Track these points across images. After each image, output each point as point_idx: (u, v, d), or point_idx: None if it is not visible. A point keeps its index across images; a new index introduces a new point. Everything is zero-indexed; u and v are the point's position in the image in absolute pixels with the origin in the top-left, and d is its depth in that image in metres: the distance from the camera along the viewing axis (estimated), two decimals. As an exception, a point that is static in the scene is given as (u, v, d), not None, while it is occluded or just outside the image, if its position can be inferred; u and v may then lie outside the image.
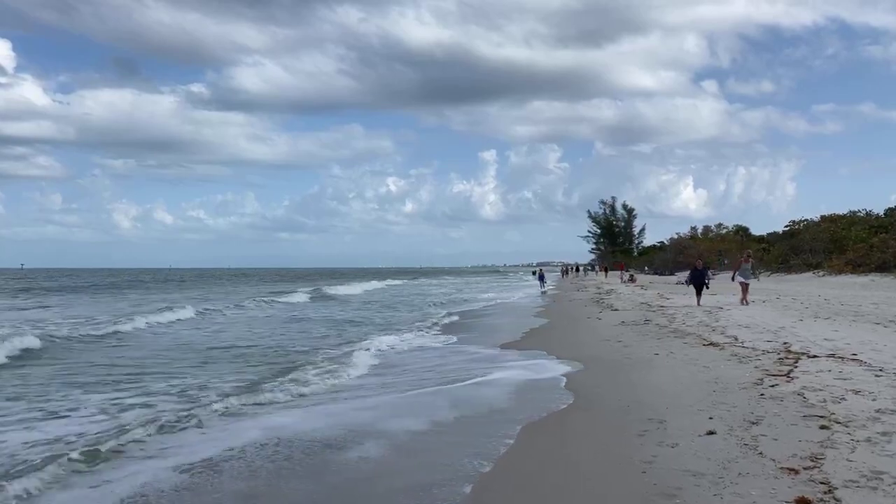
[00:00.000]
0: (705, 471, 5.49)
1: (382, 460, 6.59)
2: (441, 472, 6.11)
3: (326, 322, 23.96)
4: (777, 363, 9.94)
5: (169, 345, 16.81)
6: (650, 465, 5.83)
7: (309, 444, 7.16)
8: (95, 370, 12.67)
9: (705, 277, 23.46)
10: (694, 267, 24.60)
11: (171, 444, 7.21)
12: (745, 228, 77.76)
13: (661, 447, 6.32)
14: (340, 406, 9.10)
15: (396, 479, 6.01)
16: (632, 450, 6.33)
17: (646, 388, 9.12)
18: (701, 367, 10.30)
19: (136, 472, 6.29)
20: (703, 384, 9.02)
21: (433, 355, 14.01)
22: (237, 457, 6.73)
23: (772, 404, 7.53)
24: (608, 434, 7.06)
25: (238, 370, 12.34)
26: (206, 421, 8.21)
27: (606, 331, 16.30)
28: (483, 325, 21.06)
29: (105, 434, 7.63)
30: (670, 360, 11.14)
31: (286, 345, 16.66)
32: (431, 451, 6.87)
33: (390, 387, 10.44)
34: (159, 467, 6.41)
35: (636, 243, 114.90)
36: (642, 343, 13.48)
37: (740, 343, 12.24)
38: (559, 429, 7.53)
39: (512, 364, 12.09)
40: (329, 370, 11.82)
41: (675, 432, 6.79)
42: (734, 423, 6.87)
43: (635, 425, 7.19)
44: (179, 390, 10.44)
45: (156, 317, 23.41)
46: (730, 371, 9.74)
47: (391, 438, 7.28)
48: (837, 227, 50.99)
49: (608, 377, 10.22)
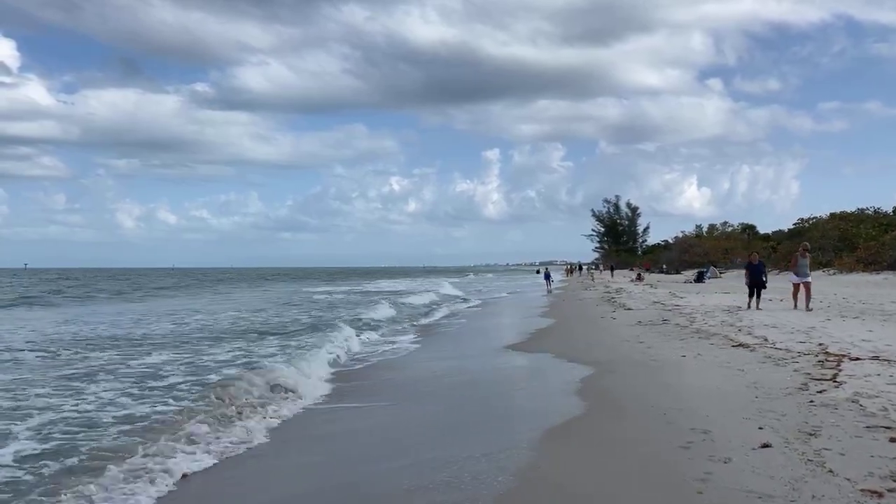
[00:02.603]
0: (772, 492, 4.84)
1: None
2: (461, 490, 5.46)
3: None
4: (818, 366, 9.28)
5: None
6: (705, 483, 5.18)
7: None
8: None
9: (763, 274, 19.54)
10: (749, 262, 20.56)
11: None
12: (751, 227, 77.08)
13: (712, 462, 5.67)
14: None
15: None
16: (680, 465, 5.68)
17: (679, 394, 8.47)
18: (735, 370, 9.65)
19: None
20: (742, 389, 8.37)
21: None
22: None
23: (826, 412, 6.88)
24: (648, 445, 6.40)
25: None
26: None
27: (624, 331, 15.65)
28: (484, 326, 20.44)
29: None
30: (700, 363, 10.49)
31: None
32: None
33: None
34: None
35: (640, 242, 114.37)
36: (665, 344, 12.82)
37: (771, 344, 11.58)
38: (590, 437, 6.88)
39: (521, 363, 11.48)
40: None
41: (723, 444, 6.13)
42: (788, 435, 6.21)
43: (677, 435, 6.53)
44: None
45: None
46: (768, 375, 9.09)
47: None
48: (847, 224, 50.33)
49: (635, 381, 9.57)
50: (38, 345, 16.68)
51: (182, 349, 15.33)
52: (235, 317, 26.11)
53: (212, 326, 21.75)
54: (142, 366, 12.76)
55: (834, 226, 51.34)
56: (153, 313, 28.72)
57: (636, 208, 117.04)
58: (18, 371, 12.41)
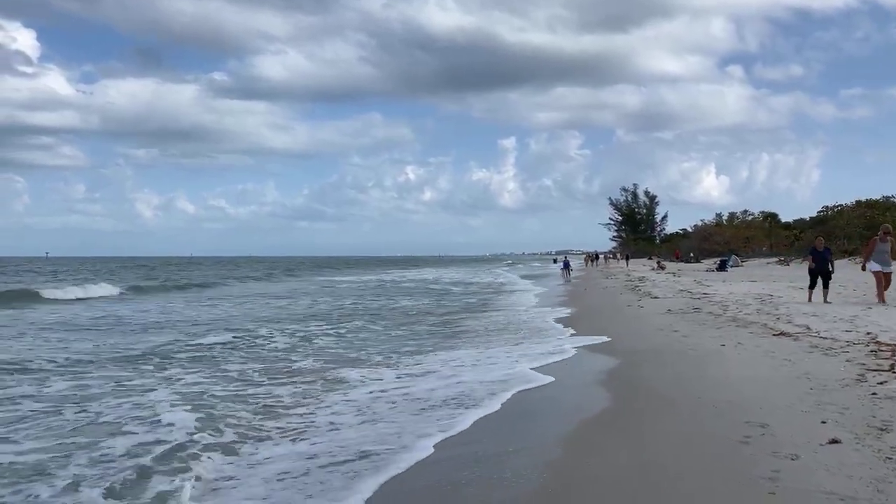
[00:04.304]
0: (854, 494, 4.43)
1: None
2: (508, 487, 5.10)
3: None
4: (871, 356, 8.82)
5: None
6: (775, 483, 4.78)
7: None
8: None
9: (830, 262, 16.80)
10: (813, 247, 17.57)
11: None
12: (773, 215, 75.91)
13: (777, 458, 5.26)
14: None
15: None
16: (743, 461, 5.28)
17: (726, 384, 8.04)
18: (781, 360, 9.20)
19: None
20: (793, 380, 7.93)
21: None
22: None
23: (893, 406, 6.44)
24: (703, 439, 5.99)
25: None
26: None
27: (655, 319, 15.21)
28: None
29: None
30: (742, 352, 10.05)
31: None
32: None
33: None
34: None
35: (658, 231, 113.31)
36: (702, 333, 12.37)
37: (815, 333, 11.10)
38: (640, 430, 6.47)
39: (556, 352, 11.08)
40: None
41: (786, 439, 5.72)
42: (857, 430, 5.79)
43: (733, 429, 6.12)
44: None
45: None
46: (819, 365, 8.64)
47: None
48: (874, 212, 49.27)
49: (676, 371, 9.15)
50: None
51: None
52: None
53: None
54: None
55: (860, 213, 50.27)
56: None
57: (654, 197, 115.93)
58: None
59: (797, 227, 67.86)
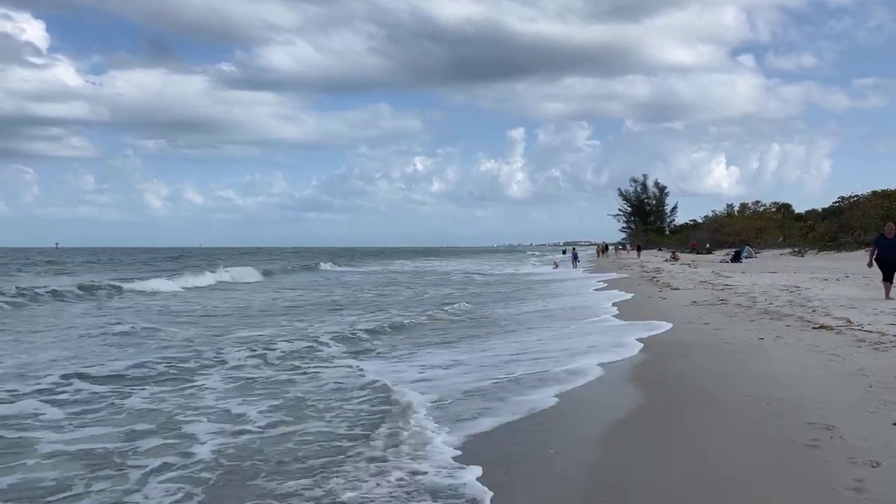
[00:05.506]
0: (958, 507, 3.96)
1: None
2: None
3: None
4: (927, 351, 8.32)
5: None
6: (861, 494, 4.31)
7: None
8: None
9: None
10: (881, 235, 15.67)
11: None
12: (786, 205, 75.05)
13: (856, 465, 4.79)
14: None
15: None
16: (818, 468, 4.81)
17: (774, 381, 7.54)
18: (828, 355, 8.70)
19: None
20: (847, 377, 7.45)
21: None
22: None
23: (969, 406, 5.96)
24: (766, 442, 5.51)
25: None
26: None
27: (681, 311, 14.70)
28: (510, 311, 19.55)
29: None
30: (783, 347, 9.54)
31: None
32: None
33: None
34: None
35: (668, 221, 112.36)
36: (735, 326, 11.86)
37: (859, 326, 10.59)
38: (690, 433, 5.99)
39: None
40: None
41: (858, 443, 5.25)
42: (937, 433, 5.31)
43: (796, 431, 5.65)
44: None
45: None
46: (871, 361, 8.14)
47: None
48: (891, 202, 48.46)
49: (716, 366, 8.65)
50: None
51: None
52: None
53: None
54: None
55: (877, 204, 49.38)
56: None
57: (664, 187, 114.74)
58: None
59: (809, 217, 66.96)
